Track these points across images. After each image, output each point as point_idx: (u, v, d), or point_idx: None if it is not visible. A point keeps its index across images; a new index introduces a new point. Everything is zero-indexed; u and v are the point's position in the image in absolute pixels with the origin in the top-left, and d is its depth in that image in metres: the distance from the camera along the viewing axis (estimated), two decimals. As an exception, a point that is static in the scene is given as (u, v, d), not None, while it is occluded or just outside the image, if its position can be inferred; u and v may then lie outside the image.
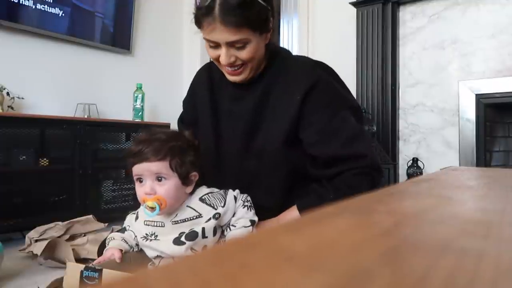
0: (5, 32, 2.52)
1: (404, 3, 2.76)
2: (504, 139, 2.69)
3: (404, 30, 2.78)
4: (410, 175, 2.64)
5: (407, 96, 2.78)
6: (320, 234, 0.24)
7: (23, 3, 2.53)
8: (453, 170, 0.81)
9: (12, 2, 2.48)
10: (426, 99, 2.70)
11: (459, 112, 2.59)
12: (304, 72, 0.99)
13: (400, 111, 2.80)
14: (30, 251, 1.82)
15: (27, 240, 1.89)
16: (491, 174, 0.76)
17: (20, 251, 1.90)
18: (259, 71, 1.02)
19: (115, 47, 3.12)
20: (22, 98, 2.53)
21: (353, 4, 2.84)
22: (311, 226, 0.26)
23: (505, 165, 2.65)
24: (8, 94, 2.40)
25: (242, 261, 0.18)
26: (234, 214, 0.93)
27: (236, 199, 0.95)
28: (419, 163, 2.66)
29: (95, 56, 3.04)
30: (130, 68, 3.26)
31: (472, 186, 0.57)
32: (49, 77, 2.75)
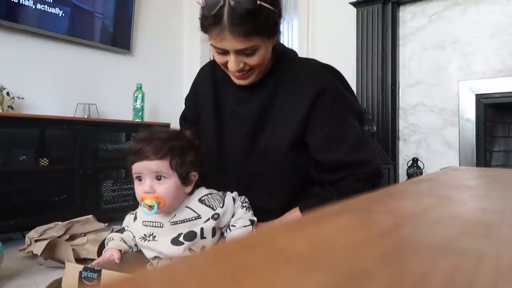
0: (5, 32, 2.52)
1: (404, 3, 2.76)
2: (504, 139, 2.69)
3: (404, 30, 2.78)
4: (410, 175, 2.64)
5: (407, 96, 2.78)
6: (320, 234, 0.24)
7: (23, 3, 2.53)
8: (453, 170, 0.81)
9: (12, 2, 2.48)
10: (426, 99, 2.70)
11: (459, 112, 2.59)
12: (312, 76, 0.98)
13: (400, 111, 2.80)
14: (30, 251, 1.82)
15: (27, 240, 1.89)
16: (491, 174, 0.76)
17: (20, 251, 1.90)
18: (265, 72, 1.01)
19: (115, 47, 3.12)
20: (22, 98, 2.53)
21: (353, 4, 2.84)
22: (311, 226, 0.26)
23: (505, 165, 2.65)
24: (8, 94, 2.40)
25: (242, 261, 0.18)
26: (233, 215, 0.93)
27: (234, 200, 0.95)
28: (419, 163, 2.66)
29: (95, 56, 3.04)
30: (130, 68, 3.26)
31: (472, 186, 0.57)
32: (49, 77, 2.75)
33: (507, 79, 2.43)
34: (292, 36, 3.54)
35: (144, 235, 0.92)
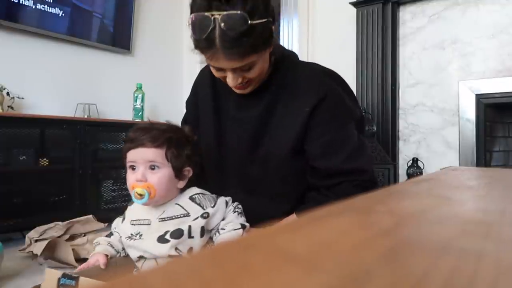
0: (5, 32, 2.52)
1: (404, 3, 2.76)
2: (504, 139, 2.69)
3: (404, 30, 2.78)
4: (410, 175, 2.64)
5: (407, 96, 2.78)
6: (320, 234, 0.24)
7: (23, 3, 2.53)
8: (453, 170, 0.81)
9: (12, 2, 2.48)
10: (426, 99, 2.70)
11: (459, 112, 2.59)
12: (313, 82, 0.97)
13: (400, 111, 2.80)
14: (30, 251, 1.82)
15: (27, 240, 1.89)
16: (491, 174, 0.76)
17: (20, 251, 1.90)
18: (265, 78, 0.99)
19: (115, 47, 3.12)
20: (22, 98, 2.53)
21: (353, 4, 2.84)
22: (311, 226, 0.26)
23: (505, 165, 2.65)
24: (8, 94, 2.40)
25: (242, 261, 0.18)
26: (224, 219, 0.91)
27: (227, 204, 0.93)
28: (419, 163, 2.66)
29: (95, 56, 3.04)
30: (130, 68, 3.26)
31: (472, 186, 0.57)
32: (49, 77, 2.75)
33: (507, 79, 2.42)
34: (292, 36, 3.54)
35: (131, 234, 0.89)
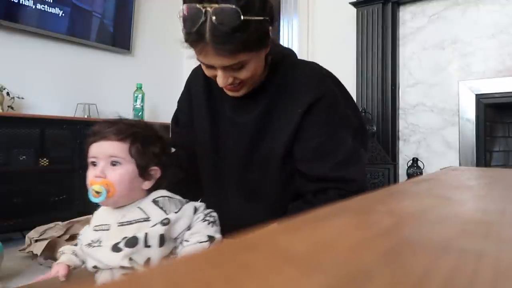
0: (5, 32, 2.52)
1: (404, 3, 2.76)
2: (504, 139, 2.69)
3: (404, 30, 2.78)
4: (410, 175, 2.64)
5: (407, 96, 2.78)
6: (320, 234, 0.24)
7: (23, 3, 2.53)
8: (453, 170, 0.81)
9: (12, 2, 2.48)
10: (426, 99, 2.70)
11: (459, 112, 2.59)
12: (313, 80, 0.92)
13: (400, 111, 2.80)
14: (30, 251, 1.82)
15: (27, 240, 1.89)
16: (491, 174, 0.76)
17: (20, 251, 1.90)
18: (262, 79, 0.94)
19: (115, 47, 3.12)
20: (22, 98, 2.53)
21: (353, 4, 2.84)
22: (311, 226, 0.26)
23: (505, 165, 2.65)
24: (8, 94, 2.40)
25: (242, 261, 0.18)
26: (190, 228, 0.80)
27: (196, 210, 0.82)
28: (419, 163, 2.66)
29: (95, 56, 3.04)
30: (130, 68, 3.26)
31: (472, 186, 0.57)
32: (49, 77, 2.75)
33: (507, 79, 2.42)
34: (292, 36, 3.54)
35: (91, 241, 0.80)
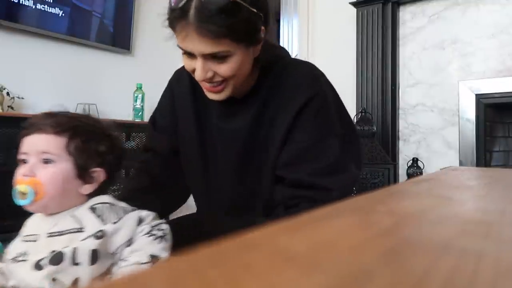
0: (5, 32, 2.52)
1: (404, 3, 2.76)
2: (504, 139, 2.69)
3: (404, 30, 2.78)
4: (410, 175, 2.64)
5: (407, 96, 2.78)
6: (320, 234, 0.24)
7: (23, 3, 2.53)
8: (453, 170, 0.81)
9: (12, 2, 2.48)
10: (426, 99, 2.70)
11: (459, 112, 2.59)
12: (304, 83, 0.85)
13: (400, 111, 2.80)
14: (30, 251, 1.82)
15: (27, 240, 1.89)
16: (491, 174, 0.76)
17: (20, 251, 1.89)
18: (252, 84, 0.86)
19: (115, 47, 3.12)
20: (22, 98, 2.53)
21: (353, 4, 2.84)
22: (311, 226, 0.26)
23: (505, 165, 2.65)
24: (8, 94, 2.40)
25: (242, 261, 0.18)
26: (131, 244, 0.66)
27: (141, 221, 0.68)
28: (419, 163, 2.66)
29: (95, 56, 3.04)
30: (130, 68, 3.26)
31: (472, 186, 0.57)
32: (49, 77, 2.75)
33: (507, 79, 2.42)
34: (292, 36, 3.54)
35: (17, 254, 0.67)
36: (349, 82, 2.85)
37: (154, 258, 0.65)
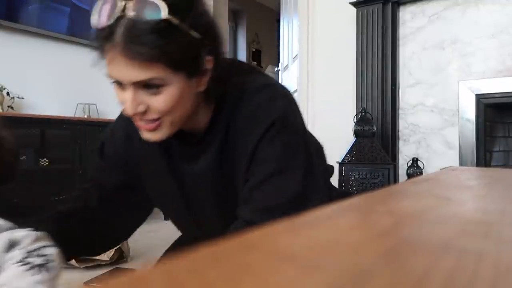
0: (5, 32, 2.52)
1: (404, 3, 2.76)
2: (504, 139, 2.69)
3: (404, 30, 2.78)
4: (410, 175, 2.64)
5: (407, 96, 2.78)
6: (319, 234, 0.24)
7: (23, 3, 2.53)
8: (453, 170, 0.81)
9: (12, 2, 2.48)
10: (426, 99, 2.70)
11: (459, 112, 2.59)
12: (258, 117, 0.73)
13: (400, 111, 2.80)
14: (30, 251, 1.82)
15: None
16: (491, 174, 0.76)
17: (20, 251, 1.90)
18: (206, 120, 0.75)
19: (115, 47, 3.12)
20: (22, 98, 2.53)
21: (353, 4, 2.84)
22: (311, 226, 0.26)
23: (505, 165, 2.65)
24: (8, 94, 2.40)
25: (241, 261, 0.18)
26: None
27: (12, 245, 0.53)
28: (419, 163, 2.66)
29: (95, 56, 3.04)
30: (130, 68, 3.26)
31: (472, 186, 0.57)
32: (49, 77, 2.75)
33: (507, 79, 2.42)
34: (292, 36, 3.54)
35: None
36: (349, 82, 2.85)
37: None
